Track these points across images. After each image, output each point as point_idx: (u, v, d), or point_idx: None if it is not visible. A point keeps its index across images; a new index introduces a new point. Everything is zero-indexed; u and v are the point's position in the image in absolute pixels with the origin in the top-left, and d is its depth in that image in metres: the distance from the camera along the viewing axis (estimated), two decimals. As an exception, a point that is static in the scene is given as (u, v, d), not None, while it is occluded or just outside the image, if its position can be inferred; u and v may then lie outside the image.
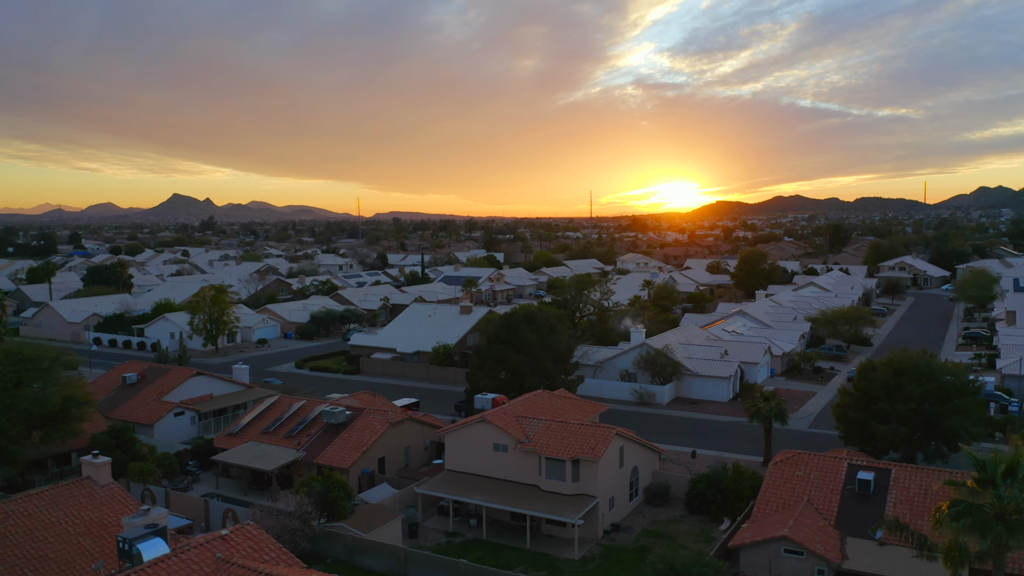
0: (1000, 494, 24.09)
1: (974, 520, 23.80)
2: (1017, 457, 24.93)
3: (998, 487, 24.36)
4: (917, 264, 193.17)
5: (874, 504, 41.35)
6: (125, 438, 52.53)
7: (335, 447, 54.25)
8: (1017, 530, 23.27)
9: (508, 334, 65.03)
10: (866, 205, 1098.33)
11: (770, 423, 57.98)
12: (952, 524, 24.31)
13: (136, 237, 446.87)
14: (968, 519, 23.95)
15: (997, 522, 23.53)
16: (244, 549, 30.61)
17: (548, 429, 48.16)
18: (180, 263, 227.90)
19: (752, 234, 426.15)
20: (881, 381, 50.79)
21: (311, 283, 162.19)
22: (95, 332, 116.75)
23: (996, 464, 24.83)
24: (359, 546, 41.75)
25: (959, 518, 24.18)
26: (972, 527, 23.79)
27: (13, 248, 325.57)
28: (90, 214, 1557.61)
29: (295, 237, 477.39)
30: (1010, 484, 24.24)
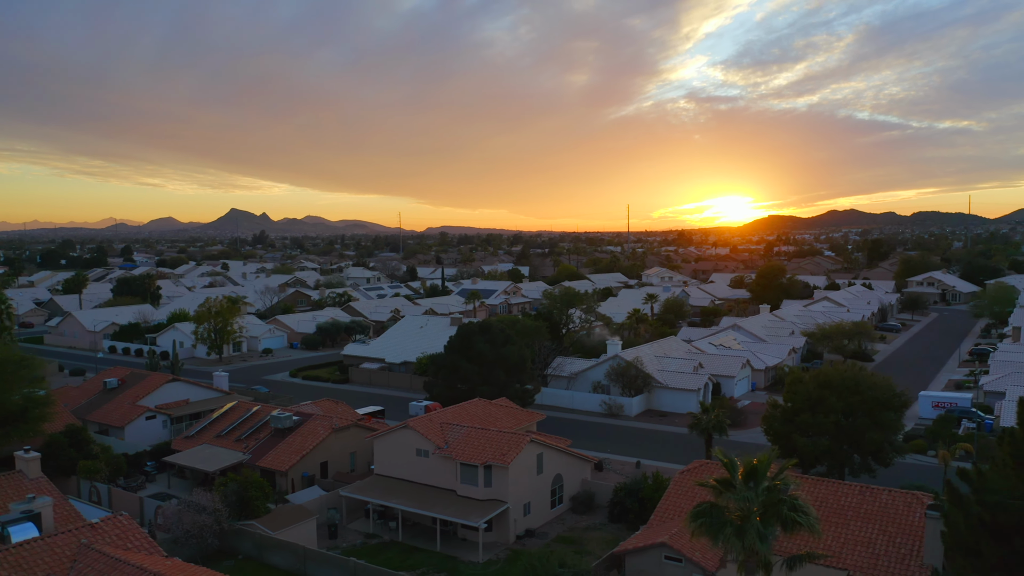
0: (738, 496, 24.62)
1: (709, 521, 24.39)
2: (762, 461, 25.41)
3: (738, 490, 24.88)
4: (946, 279, 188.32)
5: (767, 514, 41.57)
6: (79, 438, 55.47)
7: (278, 451, 56.44)
8: (745, 533, 23.78)
9: (462, 344, 66.58)
10: (923, 219, 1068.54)
11: (709, 435, 58.24)
12: (691, 523, 24.96)
13: (186, 251, 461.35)
14: (704, 520, 24.56)
15: (729, 524, 24.09)
16: (110, 537, 32.78)
17: (467, 436, 49.50)
18: (215, 275, 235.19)
19: (794, 248, 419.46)
20: (805, 393, 50.84)
21: (329, 295, 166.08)
22: (111, 340, 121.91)
23: (735, 467, 25.34)
24: (267, 544, 43.66)
25: (697, 518, 24.82)
26: (706, 528, 24.39)
27: (66, 260, 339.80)
28: (151, 228, 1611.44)
29: (339, 251, 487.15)
30: (752, 488, 24.75)
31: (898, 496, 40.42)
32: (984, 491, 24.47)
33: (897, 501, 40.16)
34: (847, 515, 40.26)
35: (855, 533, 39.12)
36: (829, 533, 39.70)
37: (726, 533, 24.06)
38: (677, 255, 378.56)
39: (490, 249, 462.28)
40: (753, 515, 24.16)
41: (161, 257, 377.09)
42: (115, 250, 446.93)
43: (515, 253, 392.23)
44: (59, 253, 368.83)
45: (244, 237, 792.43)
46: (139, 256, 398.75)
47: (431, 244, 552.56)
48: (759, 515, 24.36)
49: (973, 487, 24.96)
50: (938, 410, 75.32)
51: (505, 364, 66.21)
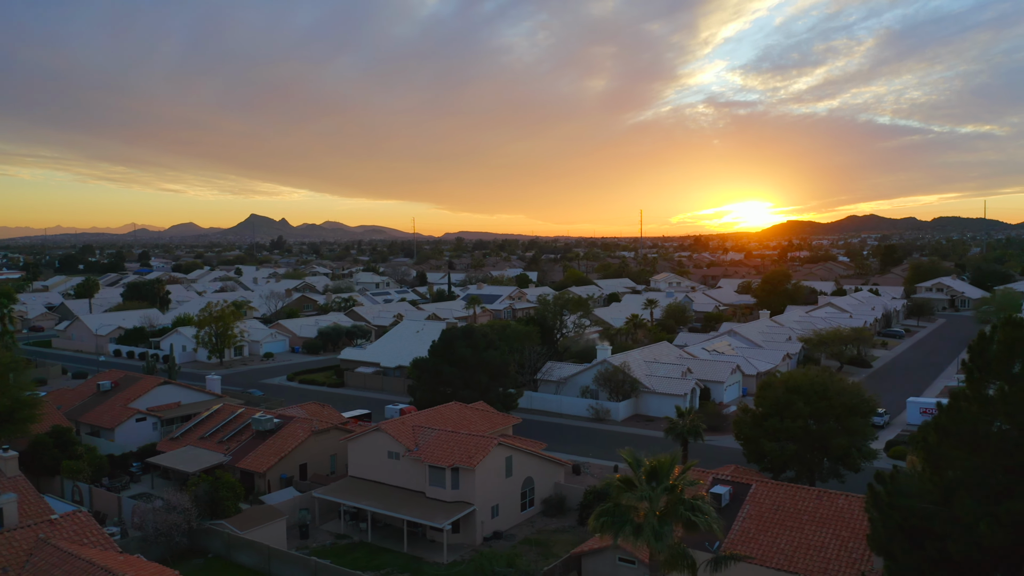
0: (638, 495, 25.12)
1: (610, 519, 24.90)
2: (666, 462, 25.88)
3: (639, 488, 25.38)
4: (955, 285, 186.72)
5: (725, 518, 41.84)
6: (64, 439, 56.82)
7: (258, 452, 57.48)
8: (643, 531, 24.27)
9: (445, 348, 67.37)
10: (944, 225, 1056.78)
11: (685, 439, 58.55)
12: (594, 522, 25.47)
13: (202, 256, 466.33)
14: (606, 518, 25.07)
15: (629, 522, 24.60)
16: (67, 533, 33.81)
17: (437, 438, 50.23)
18: (226, 280, 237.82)
19: (809, 253, 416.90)
20: (773, 398, 51.11)
21: (334, 300, 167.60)
22: (116, 344, 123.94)
23: (639, 466, 25.85)
24: (235, 543, 44.62)
25: (600, 516, 25.33)
26: (607, 525, 24.89)
27: (84, 265, 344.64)
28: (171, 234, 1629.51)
29: (354, 256, 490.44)
30: (655, 487, 25.25)
31: (854, 501, 40.60)
32: (896, 494, 24.84)
33: (853, 506, 40.35)
34: (802, 519, 40.55)
35: (808, 537, 39.39)
36: (783, 537, 40.03)
37: (625, 531, 24.61)
38: (690, 260, 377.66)
39: (503, 254, 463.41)
40: (651, 514, 24.68)
41: (178, 262, 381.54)
42: (134, 255, 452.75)
43: (527, 258, 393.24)
44: (78, 258, 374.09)
45: (262, 242, 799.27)
46: (156, 261, 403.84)
47: (445, 249, 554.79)
48: (660, 514, 24.86)
49: (886, 490, 25.34)
50: (925, 416, 75.01)
51: (487, 368, 66.87)
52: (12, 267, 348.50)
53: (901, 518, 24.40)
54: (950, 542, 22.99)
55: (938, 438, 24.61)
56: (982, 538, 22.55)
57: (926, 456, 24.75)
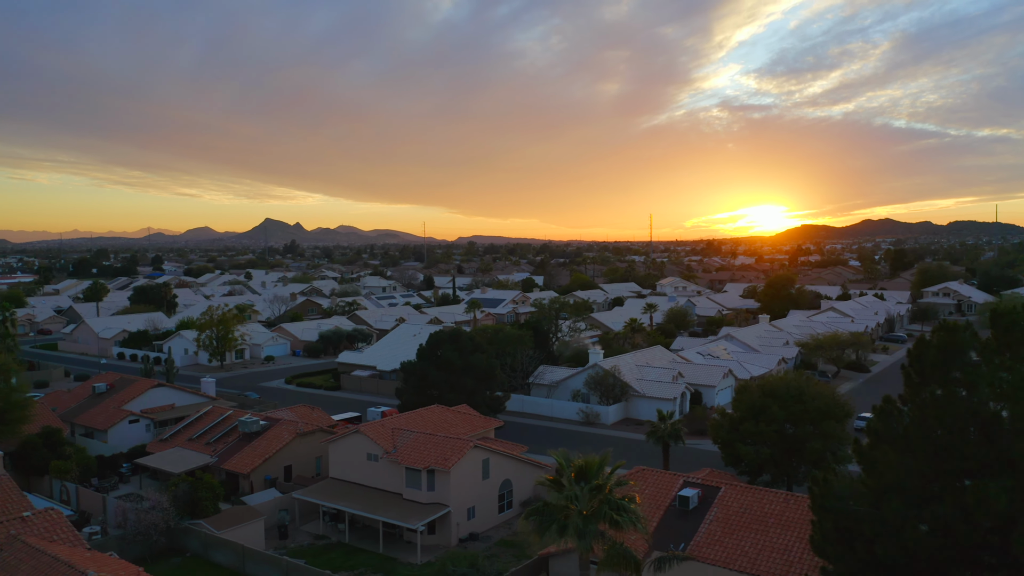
0: (567, 495, 25.58)
1: (539, 518, 25.37)
2: (594, 462, 26.32)
3: (566, 488, 25.85)
4: (962, 290, 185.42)
5: (692, 520, 42.28)
6: (53, 440, 57.90)
7: (243, 454, 58.32)
8: (567, 530, 24.71)
9: (431, 352, 68.03)
10: (959, 229, 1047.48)
11: (666, 443, 58.91)
12: (523, 521, 25.91)
13: (215, 260, 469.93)
14: (535, 517, 25.55)
15: (556, 521, 25.05)
16: (38, 529, 34.73)
17: (415, 441, 50.86)
18: (235, 284, 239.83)
19: (820, 257, 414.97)
20: (749, 402, 51.40)
21: (338, 304, 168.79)
22: (120, 347, 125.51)
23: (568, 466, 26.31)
24: (211, 542, 45.41)
25: (529, 516, 25.79)
26: (535, 525, 25.36)
27: (97, 269, 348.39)
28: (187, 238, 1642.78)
29: (365, 260, 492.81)
30: (582, 487, 25.70)
31: (821, 504, 40.88)
32: (829, 496, 25.20)
33: (819, 509, 40.63)
34: (768, 522, 40.83)
35: (773, 540, 39.65)
36: (747, 539, 40.33)
37: (551, 531, 25.11)
38: (700, 265, 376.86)
39: (513, 259, 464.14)
40: (577, 513, 25.16)
41: (190, 266, 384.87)
42: (148, 259, 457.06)
43: (536, 263, 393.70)
44: (91, 262, 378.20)
45: (275, 246, 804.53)
46: (169, 265, 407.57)
47: (456, 253, 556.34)
48: (587, 514, 25.33)
49: (819, 492, 25.71)
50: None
51: (473, 372, 67.44)
52: (27, 271, 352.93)
53: (833, 520, 24.76)
54: (878, 545, 23.34)
55: (872, 442, 24.96)
56: (908, 541, 22.90)
57: (859, 460, 25.12)
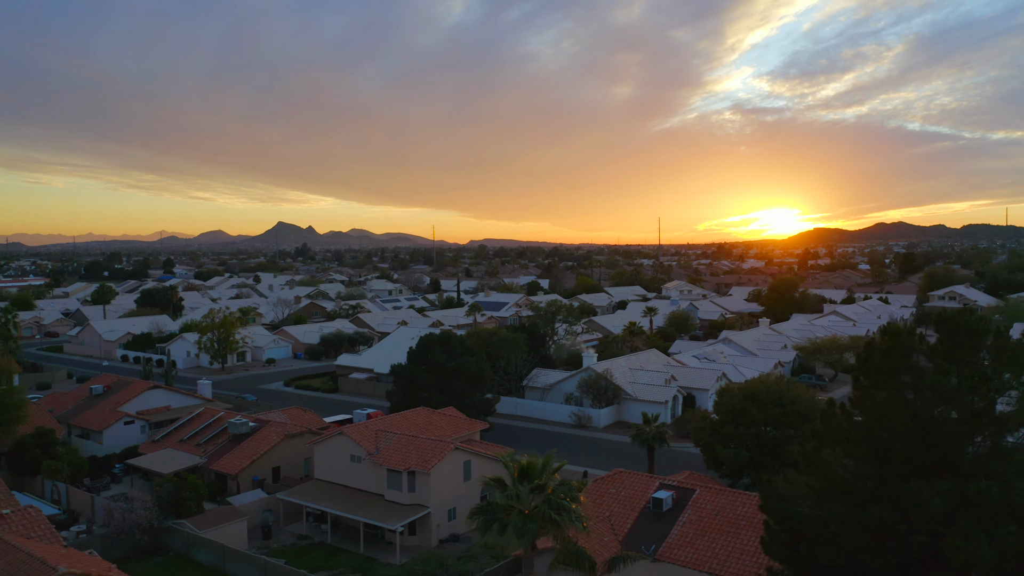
0: (507, 494, 26.01)
1: (482, 517, 25.82)
2: (537, 463, 26.73)
3: (509, 488, 26.27)
4: (968, 294, 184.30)
5: (666, 522, 42.59)
6: (46, 440, 58.85)
7: (232, 455, 59.05)
8: (507, 529, 25.13)
9: (421, 355, 68.59)
10: (973, 232, 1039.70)
11: (651, 445, 59.23)
12: (469, 520, 26.37)
13: (225, 263, 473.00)
14: (479, 516, 25.99)
15: (497, 520, 25.49)
16: (16, 527, 35.51)
17: (397, 442, 51.40)
18: (242, 287, 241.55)
19: (829, 261, 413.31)
20: (729, 405, 51.66)
21: (342, 307, 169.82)
22: (124, 350, 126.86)
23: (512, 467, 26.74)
24: (193, 542, 46.12)
25: (473, 515, 26.25)
26: (480, 523, 25.79)
27: (109, 272, 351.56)
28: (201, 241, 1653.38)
29: (375, 263, 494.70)
30: (524, 486, 26.12)
31: (793, 506, 41.11)
32: (774, 498, 25.52)
33: (792, 511, 40.85)
34: (740, 524, 41.05)
35: (743, 542, 39.87)
36: (718, 542, 40.60)
37: (493, 529, 25.56)
38: (708, 268, 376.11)
39: (522, 262, 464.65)
40: (518, 512, 25.59)
41: (201, 269, 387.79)
42: (160, 262, 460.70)
43: (544, 266, 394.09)
44: (103, 265, 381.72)
45: (287, 250, 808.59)
46: (180, 268, 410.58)
47: (465, 256, 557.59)
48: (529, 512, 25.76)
49: (765, 493, 26.03)
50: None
51: (462, 374, 67.94)
52: (40, 274, 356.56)
53: (777, 521, 25.08)
54: (817, 546, 23.65)
55: (815, 444, 25.27)
56: (845, 542, 23.20)
57: (804, 462, 25.43)
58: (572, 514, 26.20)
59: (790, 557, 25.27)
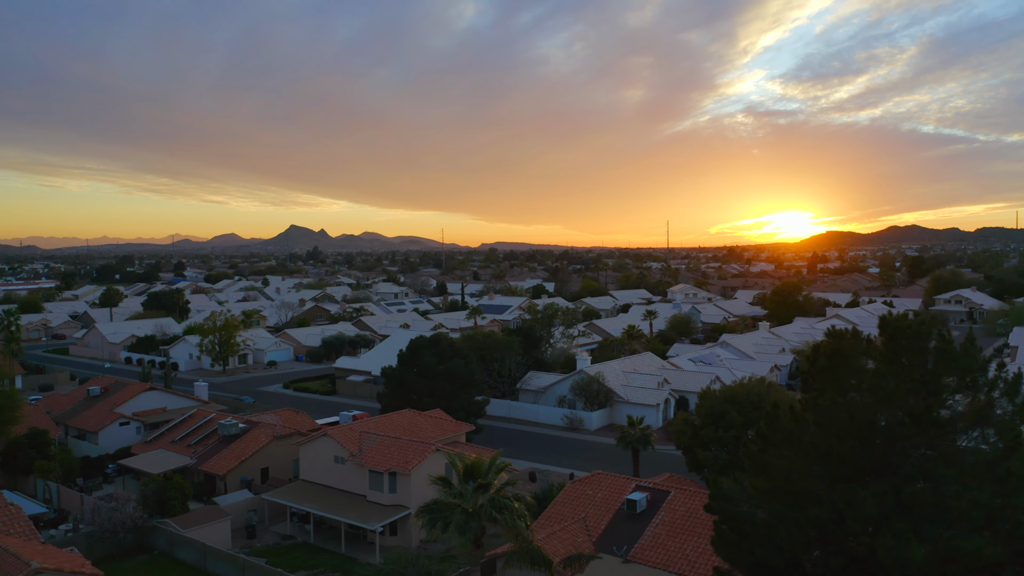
0: (453, 493, 26.48)
1: (429, 516, 26.30)
2: (481, 463, 27.18)
3: (453, 488, 26.74)
4: (974, 297, 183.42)
5: (640, 524, 42.96)
6: (39, 440, 59.85)
7: (221, 456, 59.83)
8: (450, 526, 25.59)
9: (411, 357, 69.21)
10: (987, 235, 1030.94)
11: (635, 448, 59.59)
12: (415, 518, 26.85)
13: (236, 266, 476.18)
14: (426, 514, 26.47)
15: (441, 518, 25.97)
16: (-5, 524, 36.34)
17: (380, 444, 52.00)
18: (250, 290, 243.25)
19: (838, 264, 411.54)
20: (709, 408, 51.96)
21: (346, 310, 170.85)
22: (128, 352, 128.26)
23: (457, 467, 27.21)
24: (177, 540, 46.87)
25: (421, 514, 26.72)
26: (426, 521, 26.27)
27: (120, 275, 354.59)
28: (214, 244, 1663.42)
29: (385, 267, 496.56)
30: (468, 485, 26.59)
31: (766, 509, 41.41)
32: (716, 497, 25.92)
33: (764, 513, 41.16)
34: (711, 526, 41.29)
35: (715, 543, 40.26)
36: (689, 543, 40.91)
37: (437, 527, 26.07)
38: (717, 271, 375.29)
39: (531, 265, 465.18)
40: (461, 510, 26.09)
41: (211, 272, 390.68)
42: (172, 265, 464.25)
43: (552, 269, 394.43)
44: (115, 268, 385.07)
45: (299, 253, 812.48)
46: (191, 271, 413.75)
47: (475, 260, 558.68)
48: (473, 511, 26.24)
49: (710, 494, 26.43)
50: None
51: (452, 377, 68.46)
52: (52, 276, 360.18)
53: (722, 520, 25.47)
54: (756, 546, 24.03)
55: (760, 446, 25.66)
56: (783, 542, 23.57)
57: (749, 463, 25.82)
58: (514, 513, 26.69)
59: (735, 556, 25.66)
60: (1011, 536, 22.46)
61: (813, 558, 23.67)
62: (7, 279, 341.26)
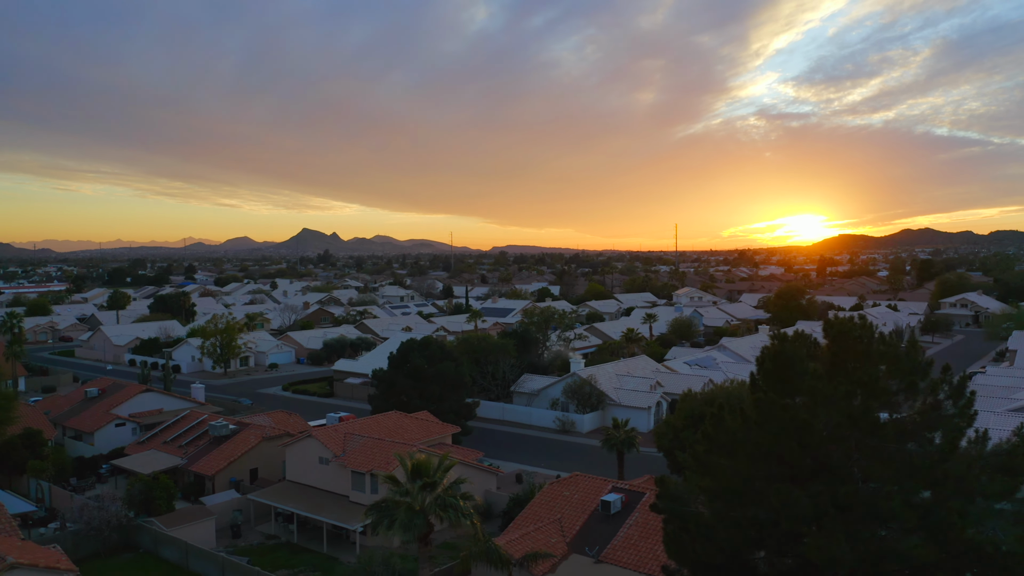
0: (400, 491, 27.02)
1: (377, 514, 26.85)
2: (429, 462, 27.72)
3: (400, 486, 27.29)
4: (980, 301, 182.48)
5: (613, 525, 43.40)
6: (33, 441, 60.88)
7: (211, 456, 60.71)
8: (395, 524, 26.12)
9: (401, 359, 69.92)
10: (1001, 238, 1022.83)
11: (620, 450, 60.00)
12: (364, 516, 27.41)
13: (247, 269, 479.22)
14: (374, 512, 27.02)
15: (387, 516, 26.52)
16: (-22, 522, 37.25)
17: (364, 445, 52.70)
18: (257, 293, 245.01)
19: (848, 267, 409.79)
20: (689, 410, 52.36)
21: (350, 313, 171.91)
22: (132, 354, 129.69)
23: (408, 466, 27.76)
24: (160, 539, 47.71)
25: (369, 512, 27.28)
26: (374, 519, 26.83)
27: (131, 278, 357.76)
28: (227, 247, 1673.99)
29: (394, 270, 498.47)
30: (415, 484, 27.12)
31: (738, 510, 41.76)
32: (662, 496, 26.40)
33: (736, 515, 41.51)
34: (683, 527, 41.84)
35: (685, 544, 40.67)
36: (660, 545, 41.24)
37: (383, 524, 26.64)
38: (726, 275, 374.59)
39: (540, 268, 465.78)
40: (408, 508, 26.66)
41: (221, 275, 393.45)
42: (183, 268, 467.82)
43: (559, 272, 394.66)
44: (127, 272, 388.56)
45: (310, 256, 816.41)
46: (202, 275, 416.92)
47: (484, 263, 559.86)
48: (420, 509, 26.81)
49: (657, 494, 26.90)
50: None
51: (441, 379, 69.09)
52: (64, 280, 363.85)
53: (667, 520, 25.95)
54: (697, 544, 24.50)
55: (705, 446, 26.13)
56: (723, 541, 24.03)
57: (695, 463, 26.29)
58: (459, 511, 27.26)
59: (682, 555, 26.12)
60: (945, 538, 22.83)
61: (764, 558, 24.11)
62: (19, 282, 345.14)
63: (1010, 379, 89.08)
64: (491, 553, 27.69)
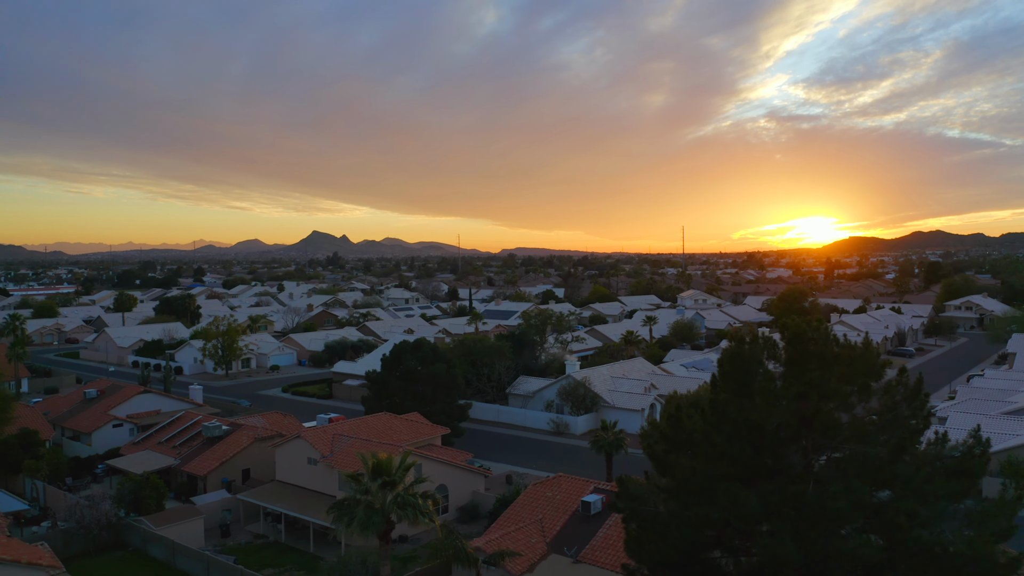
0: (360, 489, 27.53)
1: (339, 512, 27.39)
2: (389, 462, 28.23)
3: (361, 484, 27.80)
4: (984, 303, 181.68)
5: (593, 525, 43.81)
6: (30, 441, 61.83)
7: (204, 457, 61.48)
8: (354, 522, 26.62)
9: (394, 361, 70.53)
10: (1012, 241, 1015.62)
11: (608, 452, 60.40)
12: (326, 514, 27.92)
13: (255, 272, 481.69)
14: (335, 510, 27.56)
15: (347, 514, 27.03)
16: (-36, 520, 38.02)
17: (352, 446, 53.26)
18: (264, 295, 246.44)
19: (856, 270, 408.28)
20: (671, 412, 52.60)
21: (354, 315, 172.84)
22: (135, 356, 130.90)
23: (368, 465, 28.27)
24: (149, 538, 48.46)
25: (331, 510, 27.82)
26: (336, 517, 27.37)
27: (141, 281, 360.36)
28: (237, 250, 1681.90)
29: (403, 272, 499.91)
30: (375, 482, 27.62)
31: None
32: (620, 496, 26.83)
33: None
34: (661, 528, 42.23)
35: (662, 545, 41.06)
36: (638, 544, 41.83)
37: (343, 521, 27.17)
38: (733, 277, 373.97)
39: (547, 271, 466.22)
40: (367, 506, 27.17)
41: (230, 277, 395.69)
42: (192, 270, 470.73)
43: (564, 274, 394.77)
44: (136, 274, 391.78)
45: (319, 258, 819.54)
46: (210, 277, 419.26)
47: (491, 265, 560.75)
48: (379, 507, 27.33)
49: (616, 493, 27.34)
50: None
51: (434, 380, 69.66)
52: (74, 282, 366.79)
53: (626, 519, 26.38)
54: (654, 544, 24.93)
55: (664, 447, 26.55)
56: (676, 540, 24.45)
57: (654, 463, 26.71)
58: (418, 510, 27.78)
59: (640, 554, 26.55)
60: (892, 538, 23.18)
61: (721, 557, 24.51)
62: (29, 284, 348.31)
63: (1007, 382, 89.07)
64: (459, 552, 28.18)
